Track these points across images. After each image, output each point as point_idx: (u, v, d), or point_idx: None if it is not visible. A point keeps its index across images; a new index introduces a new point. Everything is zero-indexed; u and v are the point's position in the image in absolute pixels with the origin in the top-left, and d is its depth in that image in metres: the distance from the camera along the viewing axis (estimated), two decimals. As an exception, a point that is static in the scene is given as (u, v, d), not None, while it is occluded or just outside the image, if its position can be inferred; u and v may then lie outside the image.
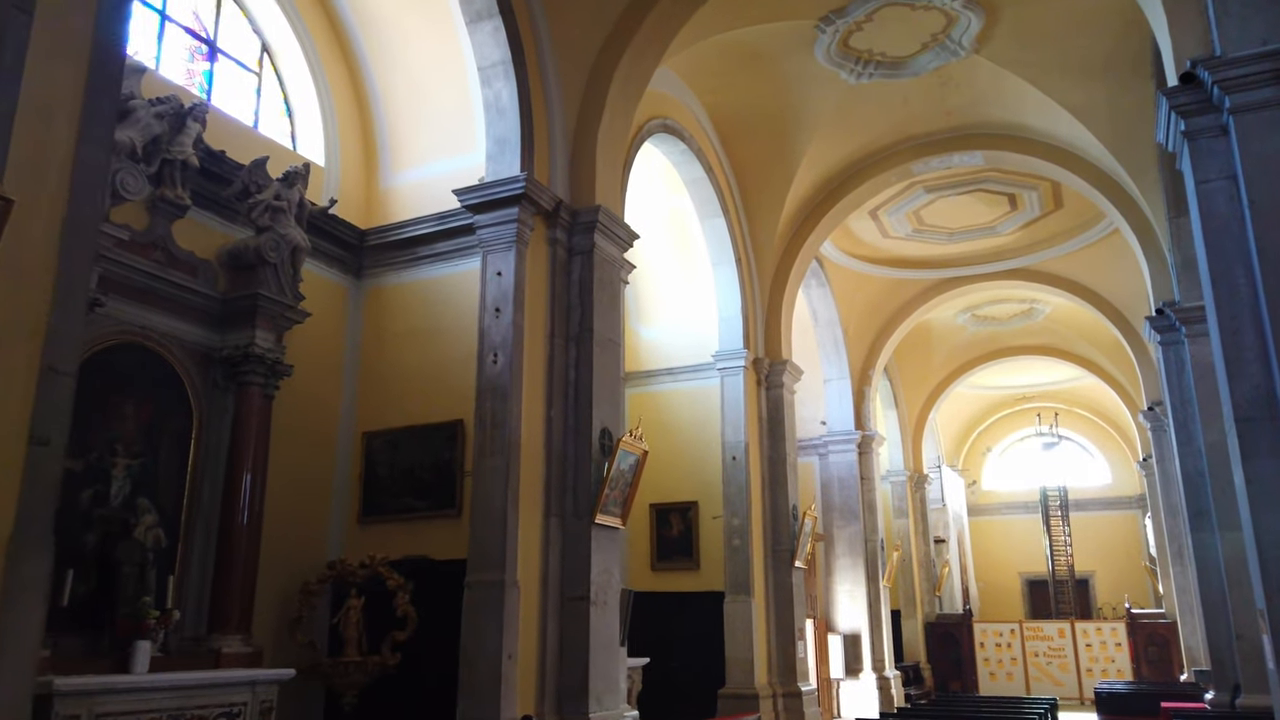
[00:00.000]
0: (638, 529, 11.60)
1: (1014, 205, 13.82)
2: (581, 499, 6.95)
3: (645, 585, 11.40)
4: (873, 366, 16.44)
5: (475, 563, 6.44)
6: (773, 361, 11.83)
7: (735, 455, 11.07)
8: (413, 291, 7.58)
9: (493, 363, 6.76)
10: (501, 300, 6.85)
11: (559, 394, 7.14)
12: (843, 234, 14.58)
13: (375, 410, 7.44)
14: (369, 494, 7.25)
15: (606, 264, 7.60)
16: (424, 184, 7.73)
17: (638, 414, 12.01)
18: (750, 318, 11.62)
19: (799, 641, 11.05)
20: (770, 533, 11.31)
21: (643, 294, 12.25)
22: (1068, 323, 18.14)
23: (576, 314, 7.34)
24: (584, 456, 7.03)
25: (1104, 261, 14.65)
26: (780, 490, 11.48)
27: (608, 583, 7.01)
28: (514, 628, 6.30)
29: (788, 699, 10.75)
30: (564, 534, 6.91)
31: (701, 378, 11.67)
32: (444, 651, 6.39)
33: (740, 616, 10.55)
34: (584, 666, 6.63)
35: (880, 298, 16.19)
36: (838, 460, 15.94)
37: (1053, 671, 18.55)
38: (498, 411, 6.65)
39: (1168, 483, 14.15)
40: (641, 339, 12.25)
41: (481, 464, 6.62)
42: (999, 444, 25.94)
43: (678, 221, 11.64)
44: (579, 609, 6.76)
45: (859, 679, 14.76)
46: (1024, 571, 24.58)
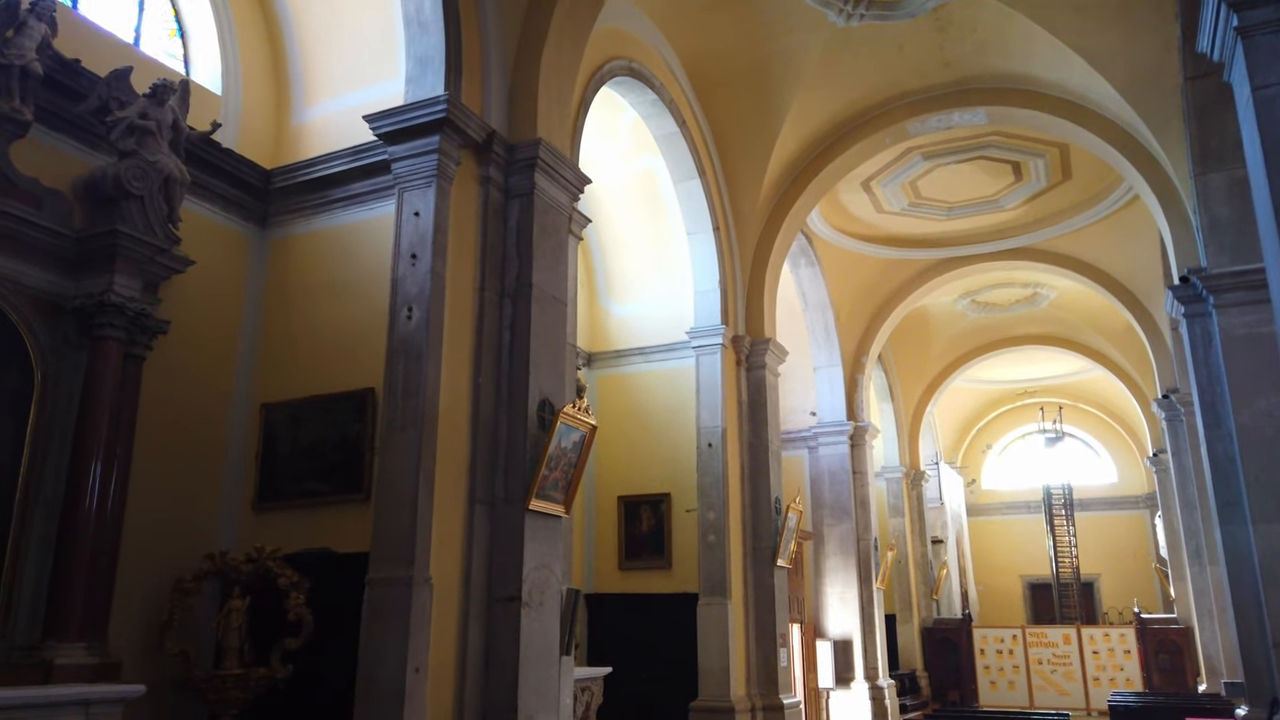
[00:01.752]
0: (605, 525, 10.54)
1: (1019, 175, 12.76)
2: (514, 481, 5.87)
3: (612, 587, 10.34)
4: (866, 354, 15.36)
5: (379, 556, 5.35)
6: (754, 340, 10.75)
7: (711, 442, 9.98)
8: (324, 241, 6.50)
9: (406, 318, 5.68)
10: (419, 245, 5.77)
11: (490, 358, 6.06)
12: (834, 208, 13.52)
13: (277, 378, 6.35)
14: (266, 476, 6.17)
15: (550, 210, 6.51)
16: (340, 117, 6.65)
17: (607, 397, 10.97)
18: (729, 292, 10.54)
19: (781, 649, 9.95)
20: (750, 528, 10.22)
21: (613, 268, 11.19)
22: (1074, 309, 17.08)
23: (513, 266, 6.26)
24: (518, 432, 5.94)
25: (1115, 239, 13.60)
26: (761, 481, 10.39)
27: (545, 581, 5.92)
28: (423, 633, 5.21)
29: (768, 713, 9.65)
30: (492, 523, 5.83)
31: (676, 357, 10.60)
32: (346, 662, 5.30)
33: (715, 621, 9.46)
34: (512, 679, 5.54)
35: (874, 279, 15.12)
36: (828, 453, 14.86)
37: (1057, 680, 17.47)
38: (411, 376, 5.56)
39: (1183, 476, 13.09)
40: (611, 316, 11.19)
41: (390, 439, 5.53)
42: (999, 441, 24.87)
43: (649, 185, 10.57)
44: (508, 611, 5.67)
45: (850, 689, 13.66)
46: (1026, 574, 23.50)
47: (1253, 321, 8.48)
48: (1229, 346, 8.54)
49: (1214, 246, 8.77)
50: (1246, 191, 8.88)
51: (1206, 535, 11.95)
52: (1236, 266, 8.59)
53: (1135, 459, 22.92)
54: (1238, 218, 8.68)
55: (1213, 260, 8.72)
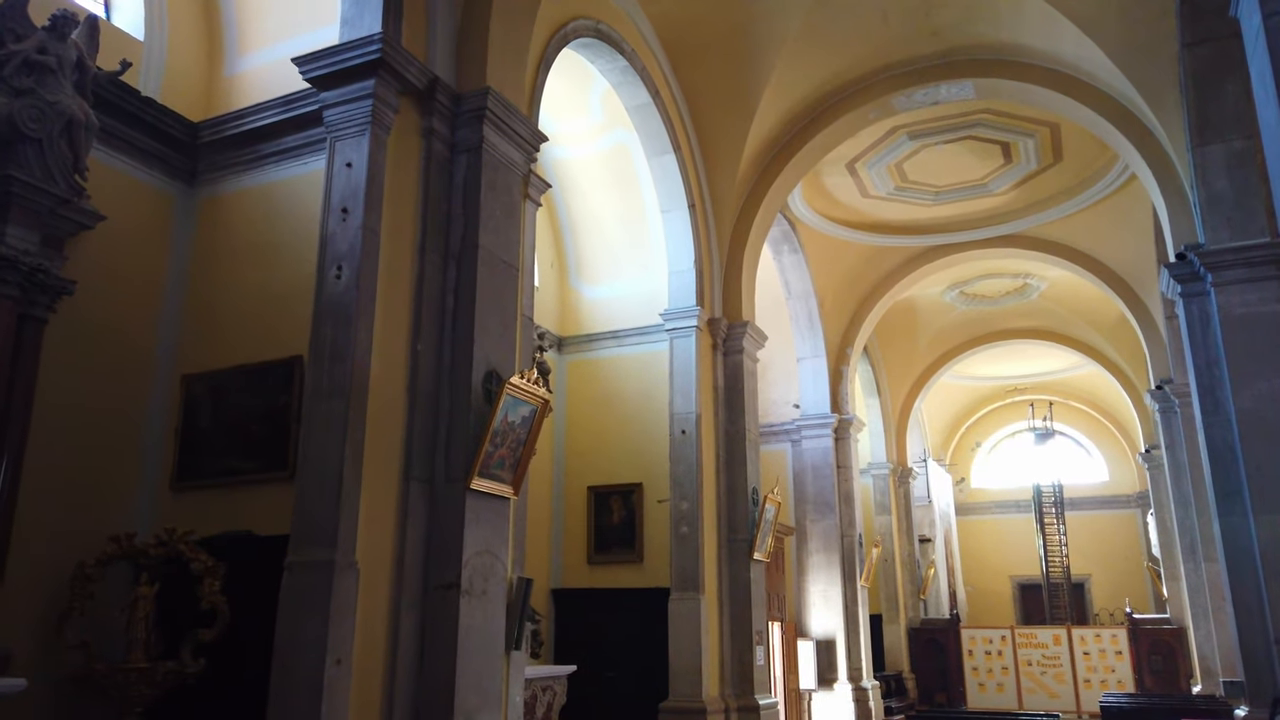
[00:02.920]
0: (573, 517, 10.03)
1: (1008, 157, 12.31)
2: (455, 459, 5.36)
3: (580, 582, 9.84)
4: (851, 344, 14.90)
5: (300, 537, 4.83)
6: (731, 323, 10.26)
7: (685, 429, 9.48)
8: (254, 199, 5.99)
9: (335, 278, 5.17)
10: (350, 198, 5.26)
11: (431, 324, 5.55)
12: (818, 192, 13.06)
13: (201, 348, 5.83)
14: (186, 453, 5.64)
15: (501, 167, 6.01)
16: (275, 68, 6.12)
17: (578, 383, 10.48)
18: (705, 272, 10.06)
19: (758, 647, 9.45)
20: (725, 520, 9.72)
21: (584, 248, 10.70)
22: (1065, 301, 16.66)
23: (458, 226, 5.75)
24: (461, 405, 5.44)
25: (1107, 225, 13.17)
26: (738, 470, 9.90)
27: (489, 567, 5.41)
28: (347, 622, 4.69)
29: (743, 714, 9.14)
30: (430, 503, 5.32)
31: (650, 341, 10.11)
32: (265, 655, 4.77)
33: (687, 617, 8.95)
34: (449, 674, 5.03)
35: (859, 267, 14.66)
36: (812, 447, 14.38)
37: (1047, 682, 17.01)
38: (339, 341, 5.05)
39: (1178, 471, 12.66)
40: (583, 299, 10.70)
41: (315, 409, 5.02)
42: (989, 439, 24.44)
43: (622, 161, 10.08)
44: (446, 600, 5.16)
45: (833, 690, 13.18)
46: (1016, 574, 23.06)
47: (1253, 300, 8.03)
48: (1228, 327, 8.10)
49: (1212, 222, 8.34)
50: (1246, 164, 8.48)
51: (1202, 531, 11.52)
52: (1236, 242, 8.16)
53: (1127, 457, 22.52)
54: (1237, 191, 8.25)
55: (1211, 236, 8.29)
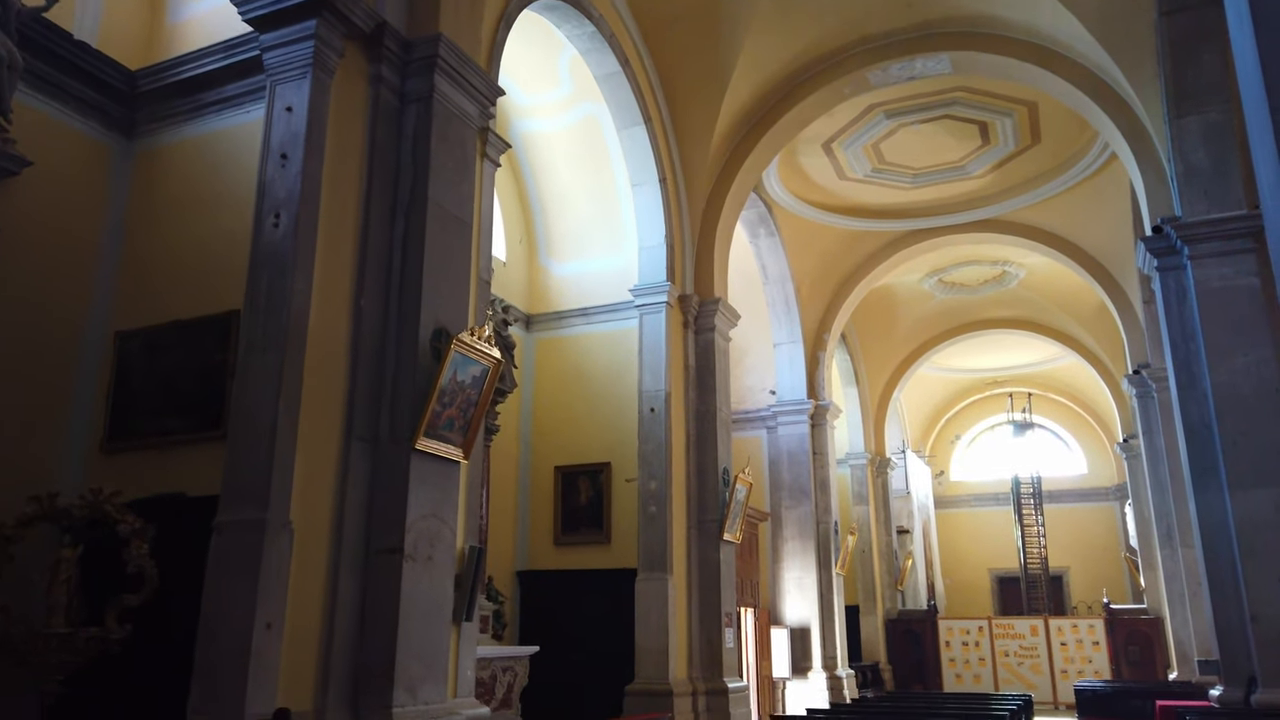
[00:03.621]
0: (540, 497, 9.81)
1: (986, 139, 12.17)
2: (400, 418, 5.12)
3: (547, 563, 9.62)
4: (828, 330, 14.73)
5: (230, 496, 4.58)
6: (703, 300, 10.06)
7: (654, 406, 9.27)
8: (194, 150, 5.72)
9: (273, 225, 4.92)
10: (290, 143, 5.01)
11: (376, 278, 5.30)
12: (794, 173, 12.88)
13: (136, 303, 5.56)
14: (118, 413, 5.37)
15: (453, 119, 5.77)
16: (219, 14, 5.85)
17: (546, 362, 10.25)
18: (677, 248, 9.85)
19: (727, 629, 9.25)
20: (695, 500, 9.52)
21: (553, 225, 10.47)
22: (1043, 290, 16.56)
23: (407, 178, 5.51)
24: (408, 362, 5.20)
25: (1085, 208, 13.06)
26: (708, 450, 9.69)
27: (435, 532, 5.17)
28: (278, 585, 4.44)
29: (711, 696, 8.94)
30: (373, 463, 5.07)
31: (620, 318, 9.90)
32: (195, 621, 4.52)
33: (654, 598, 8.74)
34: (390, 642, 4.79)
35: (837, 252, 14.49)
36: (788, 433, 14.21)
37: (1024, 673, 16.90)
38: (275, 291, 4.80)
39: (1155, 456, 12.55)
40: (552, 276, 10.47)
41: (249, 362, 4.76)
42: (968, 432, 24.37)
43: (592, 134, 9.86)
44: (388, 565, 4.92)
45: (807, 679, 13.00)
46: (994, 567, 22.99)
47: (1230, 273, 7.90)
48: (1205, 300, 7.96)
49: (1189, 194, 8.20)
50: (1223, 135, 8.35)
51: (1179, 515, 11.39)
52: (1213, 214, 8.03)
53: (1105, 450, 22.49)
54: (1213, 163, 8.12)
55: (1188, 209, 8.15)
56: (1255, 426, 7.48)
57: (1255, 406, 7.51)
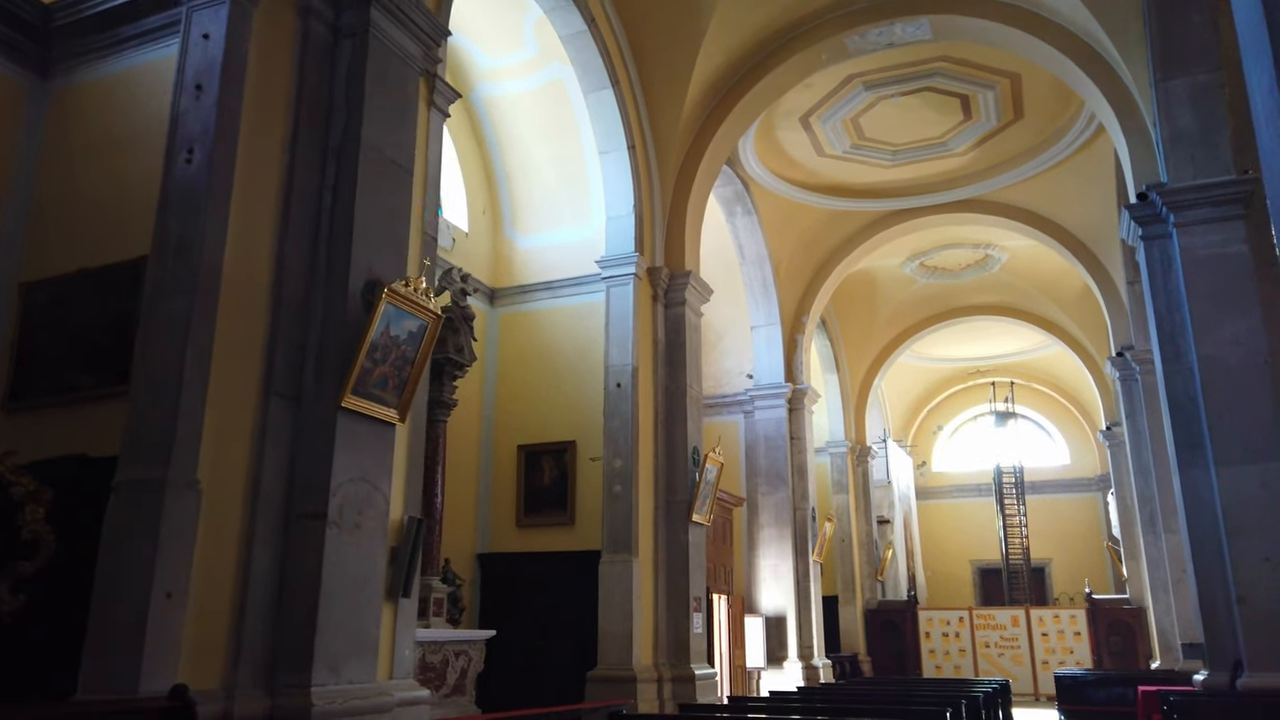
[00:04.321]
0: (502, 477, 9.42)
1: (967, 113, 11.84)
2: (327, 374, 4.71)
3: (509, 545, 9.24)
4: (807, 313, 14.38)
5: (131, 454, 4.18)
6: (673, 273, 9.68)
7: (620, 382, 8.89)
8: (111, 88, 5.29)
9: (185, 162, 4.51)
10: (205, 73, 4.60)
11: (303, 224, 4.90)
12: (771, 149, 12.51)
13: (45, 253, 5.13)
14: (23, 369, 4.94)
15: (392, 58, 5.37)
16: (139, -56, 5.44)
17: (511, 337, 9.87)
18: (646, 218, 9.47)
19: (695, 614, 8.89)
20: (663, 479, 9.14)
21: (519, 196, 10.08)
22: (1026, 274, 16.27)
23: (340, 118, 5.10)
24: (336, 315, 4.79)
25: (1069, 187, 12.76)
26: (678, 428, 9.32)
27: (365, 498, 4.78)
28: (181, 550, 4.04)
29: (677, 684, 8.57)
30: (295, 422, 4.67)
31: (586, 292, 9.52)
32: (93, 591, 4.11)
33: (618, 581, 8.37)
34: (310, 614, 4.39)
35: (816, 232, 14.15)
36: (765, 418, 13.86)
37: (1005, 664, 16.63)
38: (186, 232, 4.39)
39: (1138, 440, 12.27)
40: (517, 249, 10.08)
41: (155, 310, 4.36)
42: (950, 422, 24.11)
43: (558, 99, 9.47)
44: (311, 532, 4.52)
45: (783, 669, 12.66)
46: (976, 559, 22.75)
47: (1217, 241, 7.58)
48: (1190, 269, 7.64)
49: (1175, 160, 7.87)
50: (1211, 98, 8.01)
51: (1163, 500, 11.12)
52: (1200, 180, 7.71)
53: (1088, 440, 22.28)
54: (1201, 127, 7.79)
55: (1173, 175, 7.83)
56: (1242, 400, 7.17)
57: (1243, 379, 7.21)
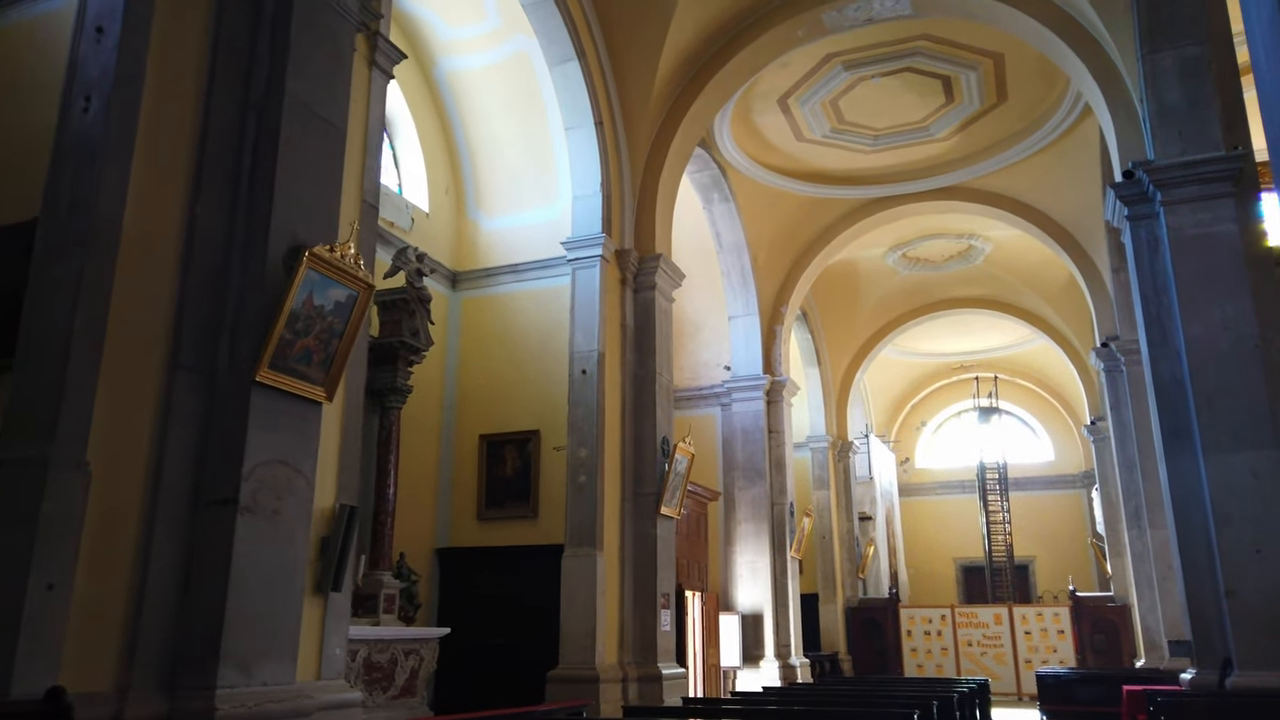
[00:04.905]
0: (463, 469, 9.01)
1: (950, 96, 11.50)
2: (243, 346, 4.30)
3: (469, 540, 8.84)
4: (786, 302, 14.03)
5: (12, 430, 3.75)
6: (643, 256, 9.29)
7: (586, 368, 8.50)
8: (13, 37, 4.85)
9: (82, 110, 4.08)
10: (107, 14, 4.18)
11: (219, 182, 4.48)
12: (749, 132, 12.15)
13: (-63, 214, 4.70)
14: (-91, 341, 4.51)
15: (323, 6, 4.94)
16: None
17: (473, 322, 9.47)
18: (614, 198, 9.08)
19: (663, 610, 8.50)
20: (631, 470, 8.76)
21: (483, 175, 9.67)
22: (1010, 265, 15.98)
23: (262, 69, 4.68)
24: (254, 280, 4.38)
25: (1053, 174, 12.46)
26: (646, 417, 8.94)
27: (285, 483, 4.36)
28: (66, 538, 3.62)
29: (644, 684, 8.19)
30: (206, 398, 4.25)
31: (552, 275, 9.12)
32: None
33: (581, 575, 7.97)
34: (217, 608, 3.97)
35: (795, 220, 13.79)
36: (742, 410, 13.49)
37: (987, 663, 16.33)
38: (80, 186, 3.97)
39: (1123, 433, 11.97)
40: (480, 231, 9.68)
41: (44, 271, 3.93)
42: (934, 418, 23.82)
43: (523, 73, 9.07)
44: (220, 519, 4.10)
45: (759, 668, 12.29)
46: (959, 557, 22.46)
47: (1206, 220, 7.25)
48: (1178, 249, 7.30)
49: (1163, 136, 7.54)
50: (1200, 72, 7.65)
51: (1149, 494, 10.83)
52: (1189, 156, 7.38)
53: (1073, 436, 22.04)
54: (1189, 102, 7.45)
55: (1161, 152, 7.49)
56: (1232, 385, 6.85)
57: (1232, 363, 6.89)
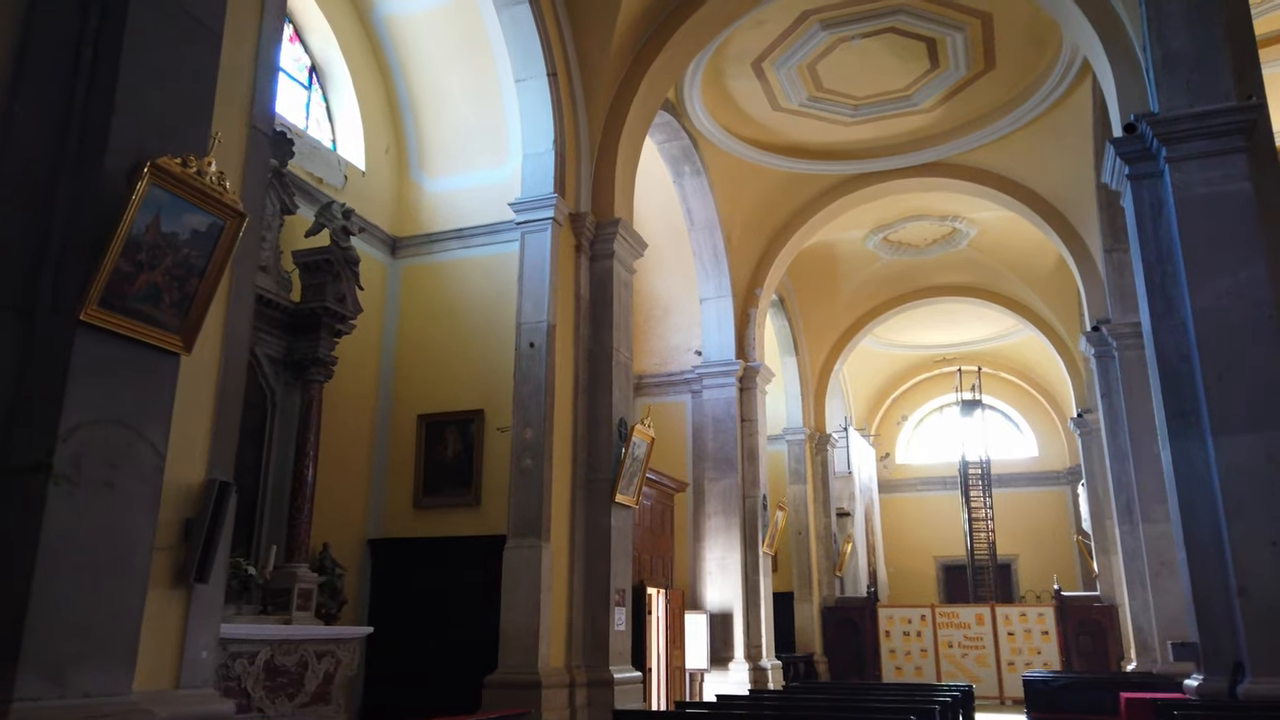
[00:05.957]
0: (400, 452, 8.21)
1: (934, 62, 10.79)
2: (69, 279, 3.49)
3: (405, 530, 8.05)
4: (760, 285, 13.30)
5: None
6: (600, 221, 8.52)
7: (534, 341, 7.71)
8: None
9: None
10: None
11: (49, 81, 3.67)
12: (722, 99, 11.40)
13: None
14: None
15: (194, -116, 4.15)
16: None
17: (414, 293, 8.68)
18: (569, 157, 8.30)
19: (617, 608, 7.73)
20: (583, 454, 7.98)
21: (427, 132, 8.88)
22: (995, 250, 15.32)
23: (111, -50, 3.88)
24: (88, 200, 3.57)
25: (1041, 149, 11.79)
26: (601, 396, 8.16)
27: (123, 450, 3.55)
28: None
29: (594, 689, 7.41)
30: (19, 340, 3.44)
31: (501, 241, 8.35)
32: None
33: (525, 569, 7.18)
34: (18, 603, 3.17)
35: (772, 197, 13.06)
36: (714, 398, 12.74)
37: (968, 665, 15.66)
38: None
39: (1114, 423, 11.31)
40: (424, 193, 8.89)
41: None
42: (915, 413, 23.18)
43: (470, 20, 8.28)
44: (27, 490, 3.29)
45: (728, 670, 11.54)
46: (940, 555, 21.83)
47: (1217, 177, 6.54)
48: (1186, 210, 6.59)
49: (1169, 87, 6.82)
50: (1209, 15, 6.88)
51: (1141, 487, 10.16)
52: (1197, 108, 6.69)
53: (1057, 432, 21.46)
54: (1197, 49, 6.73)
55: (1166, 104, 6.78)
56: (1244, 358, 6.17)
57: (1245, 336, 6.20)
